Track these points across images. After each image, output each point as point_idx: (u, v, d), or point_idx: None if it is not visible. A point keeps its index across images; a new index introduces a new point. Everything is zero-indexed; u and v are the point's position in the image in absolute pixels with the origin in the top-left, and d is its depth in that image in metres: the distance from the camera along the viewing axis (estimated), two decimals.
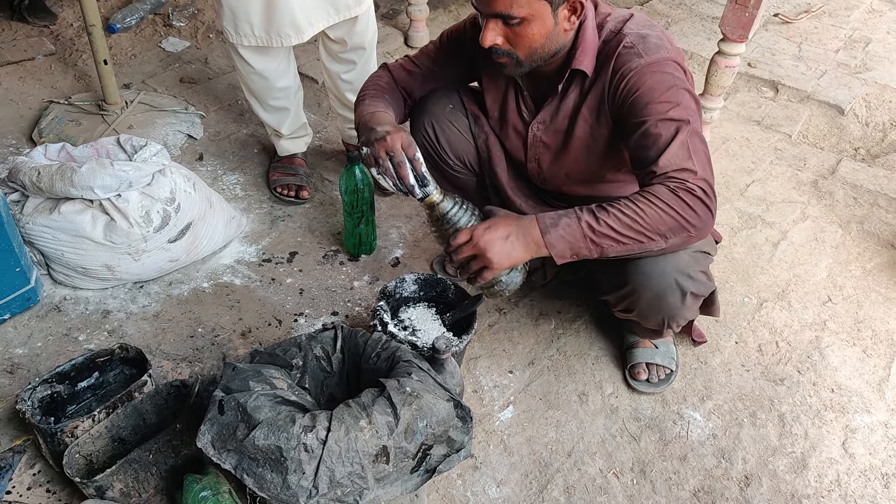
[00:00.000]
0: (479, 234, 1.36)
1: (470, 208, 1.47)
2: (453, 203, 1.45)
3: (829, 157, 2.70)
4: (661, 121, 1.36)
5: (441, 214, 1.45)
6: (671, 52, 1.42)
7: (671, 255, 1.47)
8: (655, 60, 1.39)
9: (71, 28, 3.12)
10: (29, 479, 1.46)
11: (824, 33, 3.50)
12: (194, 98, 2.78)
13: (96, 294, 1.91)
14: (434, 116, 1.74)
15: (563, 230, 1.33)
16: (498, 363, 1.82)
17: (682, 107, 1.37)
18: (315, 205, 2.31)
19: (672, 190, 1.31)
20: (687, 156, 1.34)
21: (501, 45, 1.41)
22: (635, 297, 1.54)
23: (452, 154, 1.77)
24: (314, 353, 1.44)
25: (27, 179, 1.78)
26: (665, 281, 1.48)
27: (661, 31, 1.46)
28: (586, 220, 1.32)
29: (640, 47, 1.41)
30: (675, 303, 1.52)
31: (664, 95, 1.37)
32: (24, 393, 1.44)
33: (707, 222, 1.34)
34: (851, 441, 1.70)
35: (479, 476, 1.56)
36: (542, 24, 1.37)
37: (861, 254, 2.25)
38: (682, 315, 1.57)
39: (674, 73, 1.40)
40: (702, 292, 1.56)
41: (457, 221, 1.44)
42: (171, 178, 1.89)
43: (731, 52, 2.32)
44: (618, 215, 1.31)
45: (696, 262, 1.52)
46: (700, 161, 1.35)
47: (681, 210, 1.31)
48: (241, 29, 1.95)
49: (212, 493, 1.35)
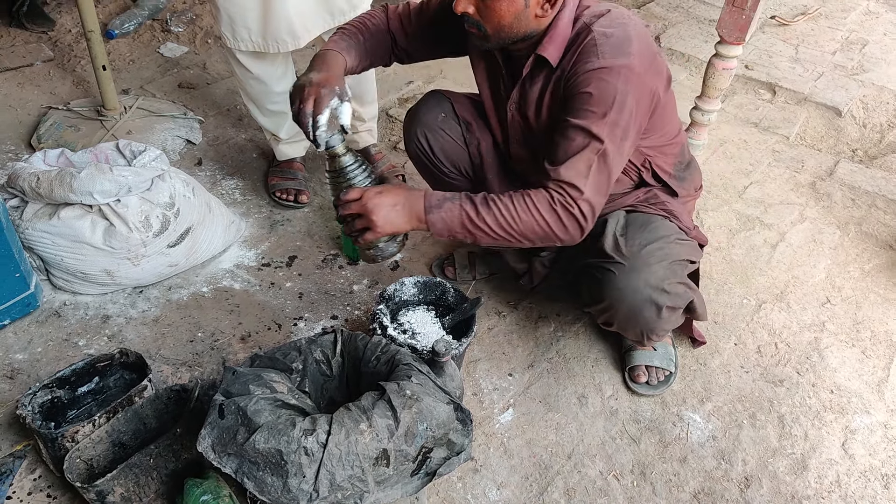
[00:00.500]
0: (369, 195, 1.41)
1: (368, 170, 1.49)
2: (354, 160, 1.47)
3: (827, 159, 2.71)
4: (580, 128, 1.38)
5: (340, 168, 1.46)
6: (630, 58, 1.38)
7: (645, 269, 1.50)
8: (609, 66, 1.37)
9: (69, 34, 3.12)
10: (29, 485, 1.46)
11: (821, 35, 3.51)
12: (193, 103, 2.79)
13: (96, 299, 1.91)
14: (426, 126, 1.76)
15: (445, 213, 1.40)
16: (497, 366, 1.82)
17: (607, 122, 1.37)
18: (314, 209, 2.31)
19: (552, 203, 1.39)
20: (584, 173, 1.39)
21: (472, 15, 1.41)
22: (612, 312, 1.58)
23: (447, 162, 1.80)
24: (314, 356, 1.45)
25: (26, 185, 1.78)
26: (639, 297, 1.51)
27: (633, 32, 1.41)
28: (466, 211, 1.40)
29: (601, 48, 1.38)
30: (651, 317, 1.54)
31: (597, 105, 1.37)
32: (25, 398, 1.44)
33: (574, 239, 1.44)
34: (851, 442, 1.70)
35: (479, 479, 1.56)
36: (512, 2, 1.36)
37: (859, 255, 2.26)
38: (659, 328, 1.59)
39: (621, 84, 1.37)
40: (678, 305, 1.57)
41: (353, 178, 1.46)
42: (170, 182, 1.90)
43: (729, 54, 2.32)
44: (496, 214, 1.39)
45: (673, 275, 1.53)
46: (594, 182, 1.39)
47: (553, 225, 1.40)
48: (239, 34, 1.96)
49: (212, 496, 1.35)
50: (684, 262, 1.59)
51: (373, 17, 1.68)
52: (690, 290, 1.60)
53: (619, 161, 1.43)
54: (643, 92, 1.41)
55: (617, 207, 1.64)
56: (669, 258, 1.54)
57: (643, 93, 1.41)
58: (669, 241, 1.57)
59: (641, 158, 1.60)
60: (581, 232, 1.42)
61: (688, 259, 1.60)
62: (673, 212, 1.64)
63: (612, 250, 1.54)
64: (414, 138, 1.79)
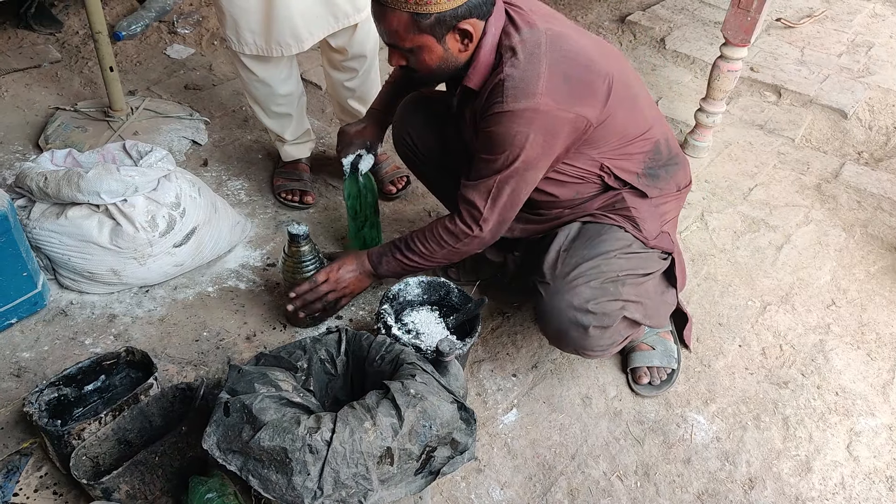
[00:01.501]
0: (332, 272, 1.72)
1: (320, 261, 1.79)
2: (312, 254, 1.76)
3: (833, 161, 2.71)
4: (483, 160, 1.52)
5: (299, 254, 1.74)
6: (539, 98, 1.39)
7: (568, 291, 1.52)
8: (511, 110, 1.42)
9: (77, 36, 3.15)
10: (36, 482, 1.47)
11: (827, 38, 3.51)
12: (199, 104, 2.80)
13: (102, 298, 1.92)
14: (410, 125, 1.88)
15: (385, 266, 1.71)
16: (501, 366, 1.82)
17: (508, 159, 1.47)
18: (319, 210, 2.32)
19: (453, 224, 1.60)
20: (485, 196, 1.54)
21: (405, 65, 1.51)
22: (543, 331, 1.63)
23: (435, 159, 1.88)
24: (319, 355, 1.45)
25: (34, 185, 1.79)
26: (561, 319, 1.53)
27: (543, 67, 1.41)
28: (398, 258, 1.68)
29: (507, 91, 1.41)
30: (578, 336, 1.54)
31: (498, 145, 1.47)
32: (31, 396, 1.45)
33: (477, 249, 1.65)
34: (856, 444, 1.69)
35: (482, 478, 1.56)
36: (431, 52, 1.45)
37: (865, 257, 2.25)
38: (594, 345, 1.57)
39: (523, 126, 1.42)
40: (607, 324, 1.54)
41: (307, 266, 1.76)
42: (176, 183, 1.91)
43: (734, 56, 2.33)
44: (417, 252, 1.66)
45: (603, 294, 1.52)
46: (494, 205, 1.54)
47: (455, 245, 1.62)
48: (243, 38, 1.96)
49: (217, 494, 1.36)
50: (623, 279, 1.55)
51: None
52: (632, 304, 1.56)
53: (523, 187, 1.54)
54: (556, 125, 1.44)
55: (580, 213, 1.63)
56: (601, 277, 1.52)
57: (556, 125, 1.44)
58: (609, 258, 1.55)
59: (597, 165, 1.57)
60: (479, 243, 1.62)
61: (632, 272, 1.57)
62: (636, 218, 1.59)
63: (547, 269, 1.57)
64: (400, 140, 1.91)
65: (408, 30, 1.40)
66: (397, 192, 2.37)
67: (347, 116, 2.36)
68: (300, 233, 1.70)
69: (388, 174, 2.38)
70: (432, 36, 1.41)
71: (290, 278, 1.76)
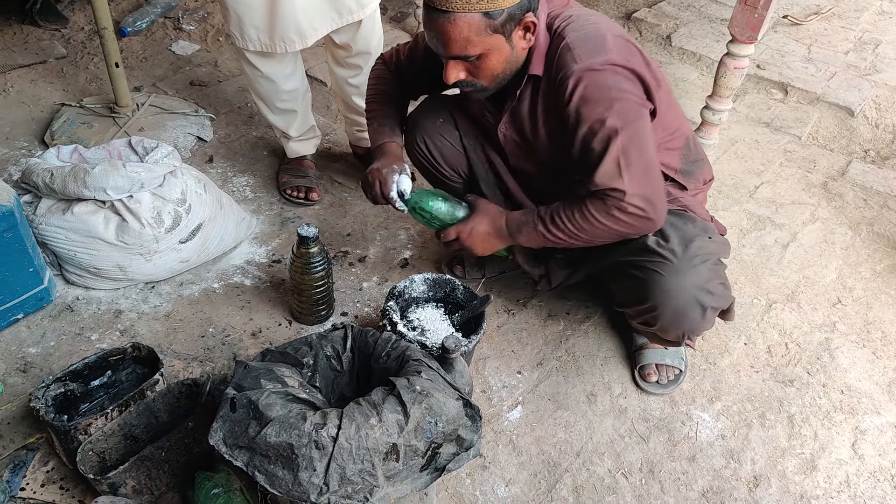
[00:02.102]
0: (464, 235, 1.63)
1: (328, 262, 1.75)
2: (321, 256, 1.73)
3: (839, 159, 2.70)
4: (592, 136, 1.41)
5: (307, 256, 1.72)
6: (609, 55, 1.39)
7: (690, 271, 1.49)
8: (589, 66, 1.38)
9: (82, 32, 3.15)
10: (43, 476, 1.48)
11: (834, 35, 3.50)
12: (204, 101, 2.80)
13: (108, 294, 1.92)
14: (426, 131, 1.81)
15: (525, 236, 1.58)
16: (507, 364, 1.82)
17: (615, 114, 1.38)
18: (324, 206, 2.32)
19: (606, 210, 1.44)
20: (617, 173, 1.41)
21: (465, 79, 1.46)
22: (656, 314, 1.55)
23: (446, 165, 1.83)
24: (325, 352, 1.45)
25: (40, 181, 1.80)
26: (685, 298, 1.50)
27: (604, 28, 1.43)
28: (541, 230, 1.54)
29: (577, 51, 1.40)
30: (696, 318, 1.53)
31: (594, 108, 1.39)
32: (38, 391, 1.46)
33: (648, 228, 1.49)
34: (861, 442, 1.69)
35: (487, 475, 1.56)
36: (500, 53, 1.41)
37: (871, 255, 2.25)
38: (701, 328, 1.58)
39: (608, 80, 1.38)
40: (721, 305, 1.56)
41: (315, 267, 1.73)
42: (182, 179, 1.91)
43: (740, 53, 2.32)
44: (563, 227, 1.50)
45: (716, 276, 1.53)
46: (632, 176, 1.40)
47: (614, 225, 1.46)
48: (247, 34, 1.96)
49: (223, 490, 1.36)
50: (721, 263, 1.58)
51: (382, 79, 1.80)
52: (728, 291, 1.58)
53: (646, 140, 1.43)
54: (632, 77, 1.42)
55: None
56: (711, 258, 1.54)
57: (632, 78, 1.42)
58: (705, 239, 1.56)
59: None
60: (649, 221, 1.46)
61: (721, 256, 1.59)
62: (688, 206, 1.63)
63: (657, 246, 1.52)
64: (414, 143, 1.83)
65: (479, 32, 1.36)
66: None
67: (352, 114, 2.35)
68: (310, 234, 1.69)
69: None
70: (502, 35, 1.38)
71: (298, 279, 1.76)
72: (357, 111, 2.33)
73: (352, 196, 2.37)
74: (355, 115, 2.36)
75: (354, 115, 2.36)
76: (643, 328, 1.69)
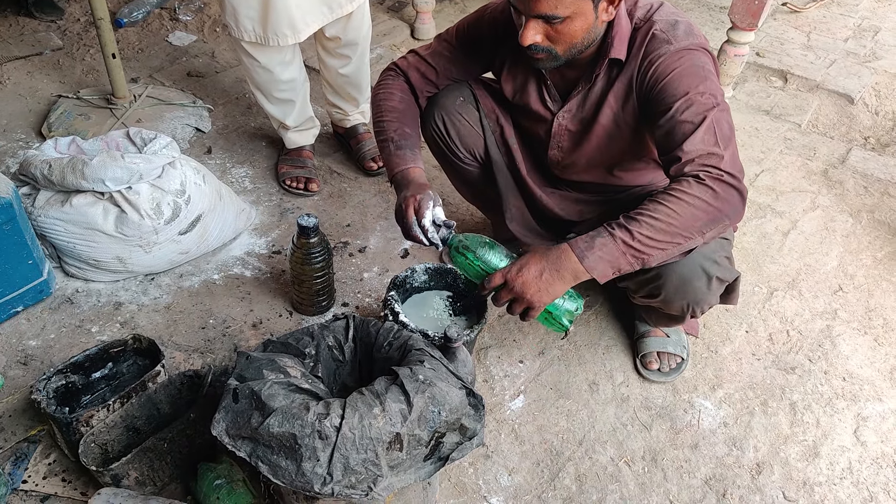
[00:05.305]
0: (512, 277, 1.36)
1: (328, 253, 1.71)
2: (321, 247, 1.70)
3: (839, 147, 2.69)
4: (688, 107, 1.37)
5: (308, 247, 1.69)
6: (700, 39, 1.44)
7: None
8: (685, 47, 1.41)
9: (78, 23, 3.12)
10: (45, 469, 1.47)
11: (833, 22, 3.48)
12: (202, 92, 2.79)
13: (108, 286, 1.92)
14: (444, 109, 1.74)
15: (600, 251, 1.31)
16: (508, 353, 1.82)
17: (709, 93, 1.38)
18: (324, 197, 2.31)
19: (700, 180, 1.30)
20: (714, 141, 1.34)
21: (541, 43, 1.42)
22: (661, 283, 1.51)
23: (462, 146, 1.78)
24: (327, 342, 1.45)
25: (38, 173, 1.79)
26: (691, 266, 1.46)
27: (688, 20, 1.48)
28: (620, 236, 1.30)
29: (671, 34, 1.42)
30: (702, 287, 1.50)
31: (692, 82, 1.39)
32: (39, 383, 1.45)
33: (739, 208, 1.34)
34: (863, 429, 1.69)
35: (490, 464, 1.56)
36: (584, 19, 1.38)
37: (872, 243, 2.25)
38: (706, 300, 1.54)
39: (702, 60, 1.41)
40: (726, 277, 1.53)
41: (316, 258, 1.71)
42: (181, 170, 1.90)
43: (740, 40, 2.31)
44: (650, 221, 1.29)
45: (721, 248, 1.51)
46: (727, 146, 1.35)
47: (712, 200, 1.30)
48: (242, 25, 1.96)
49: (226, 481, 1.36)
50: (727, 240, 1.56)
51: (393, 91, 1.68)
52: (733, 266, 1.56)
53: (732, 121, 1.40)
54: (714, 63, 1.45)
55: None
56: None
57: (715, 68, 1.45)
58: None
59: None
60: (741, 198, 1.34)
61: (726, 236, 1.56)
62: None
63: None
64: (431, 120, 1.76)
65: None
66: (378, 170, 2.38)
67: (339, 100, 2.38)
68: (310, 225, 1.69)
69: (370, 151, 2.39)
70: (591, 0, 1.36)
71: (299, 269, 1.76)
72: (347, 100, 2.36)
73: (351, 186, 2.37)
74: (340, 101, 2.39)
75: (341, 101, 2.38)
76: (646, 301, 1.63)
